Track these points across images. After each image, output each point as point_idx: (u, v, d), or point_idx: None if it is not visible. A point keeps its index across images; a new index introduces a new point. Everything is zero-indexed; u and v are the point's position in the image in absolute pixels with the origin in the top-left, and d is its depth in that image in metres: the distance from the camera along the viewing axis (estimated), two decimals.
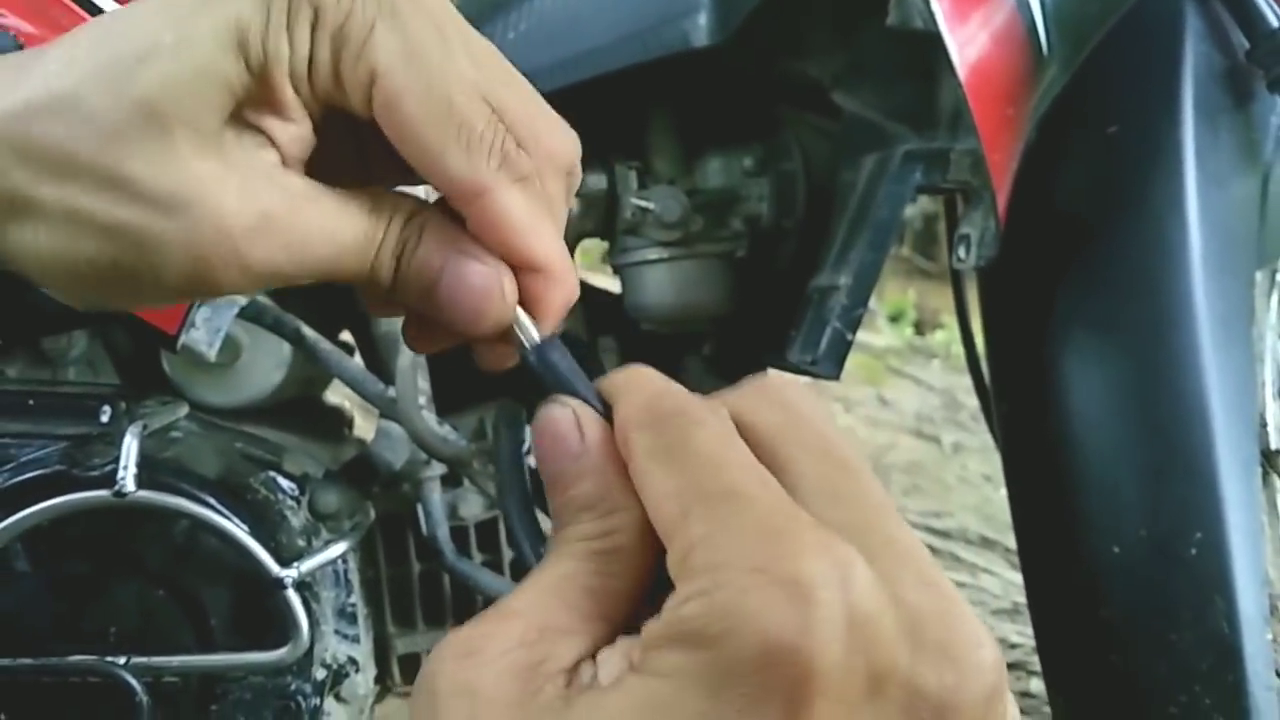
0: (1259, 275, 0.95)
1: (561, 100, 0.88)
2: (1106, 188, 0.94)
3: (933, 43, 0.78)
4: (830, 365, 0.89)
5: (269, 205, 0.33)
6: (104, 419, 0.79)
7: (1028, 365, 0.94)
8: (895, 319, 4.06)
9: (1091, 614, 0.87)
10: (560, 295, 0.37)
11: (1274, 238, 0.97)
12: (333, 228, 0.35)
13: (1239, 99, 0.98)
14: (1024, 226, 0.91)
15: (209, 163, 0.32)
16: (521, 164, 0.35)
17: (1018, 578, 1.77)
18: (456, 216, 0.36)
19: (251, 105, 0.33)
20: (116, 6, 0.93)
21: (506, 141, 0.35)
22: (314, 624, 0.77)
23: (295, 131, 0.35)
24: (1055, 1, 0.81)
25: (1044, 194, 0.95)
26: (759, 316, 1.02)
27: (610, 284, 1.10)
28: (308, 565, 0.74)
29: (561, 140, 0.37)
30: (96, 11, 0.90)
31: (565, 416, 0.33)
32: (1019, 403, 0.95)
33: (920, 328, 3.95)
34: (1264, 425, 0.93)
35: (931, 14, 0.77)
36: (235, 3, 0.33)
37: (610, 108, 1.00)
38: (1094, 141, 0.95)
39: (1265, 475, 0.90)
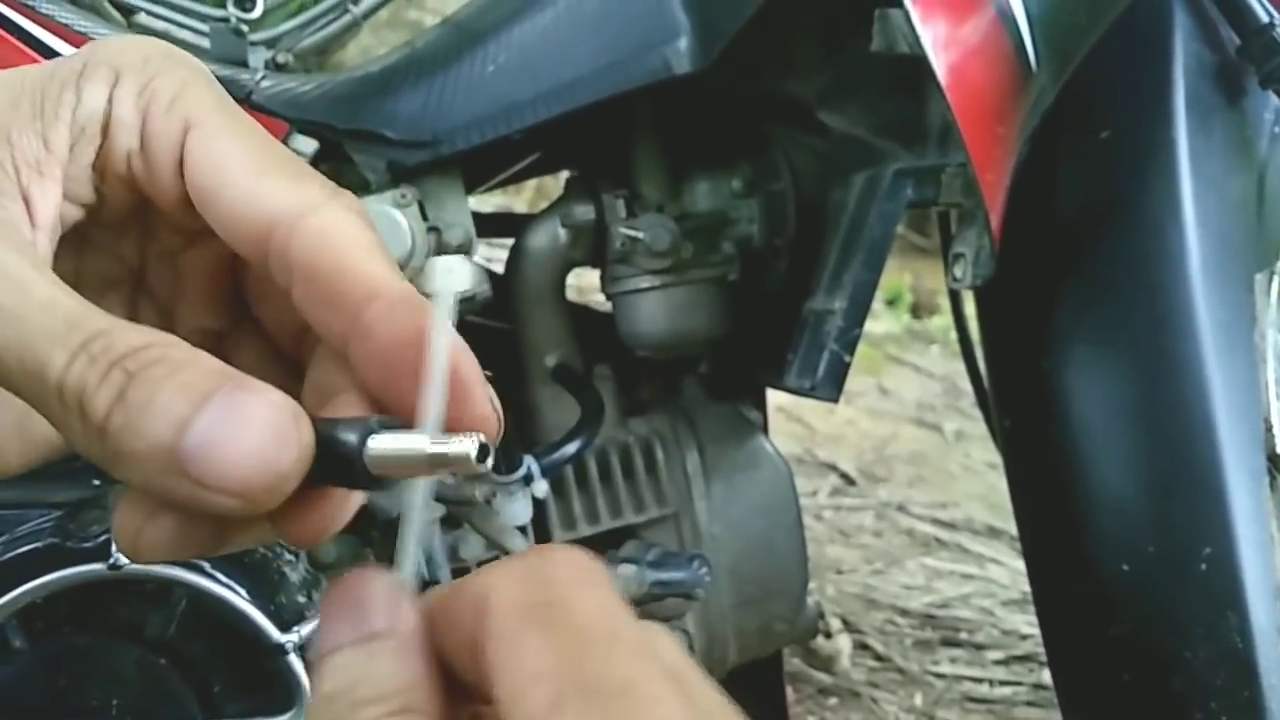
0: (1258, 276, 0.94)
1: (545, 130, 0.87)
2: (1102, 195, 0.93)
3: (919, 59, 0.77)
4: (829, 389, 0.88)
5: None
6: (96, 483, 0.78)
7: (1029, 379, 0.92)
8: (892, 302, 4.05)
9: (1103, 632, 0.86)
10: (408, 324, 0.28)
11: (1271, 238, 0.96)
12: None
13: (1231, 96, 0.96)
14: (1020, 237, 0.90)
15: None
16: (353, 202, 0.30)
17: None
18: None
19: (8, 146, 0.30)
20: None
21: (334, 185, 0.31)
22: None
23: (51, 195, 0.30)
24: (1042, 14, 0.80)
25: (1039, 203, 0.93)
26: (754, 337, 1.01)
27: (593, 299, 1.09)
28: (308, 629, 0.73)
29: None
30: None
31: (376, 586, 0.26)
32: (1022, 417, 0.94)
33: (917, 311, 3.94)
34: (1269, 429, 0.92)
35: (916, 36, 0.75)
36: (23, 69, 0.31)
37: (594, 135, 0.98)
38: (1087, 148, 0.94)
39: (1272, 481, 0.89)
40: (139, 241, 0.34)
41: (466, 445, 0.26)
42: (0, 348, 0.26)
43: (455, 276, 0.27)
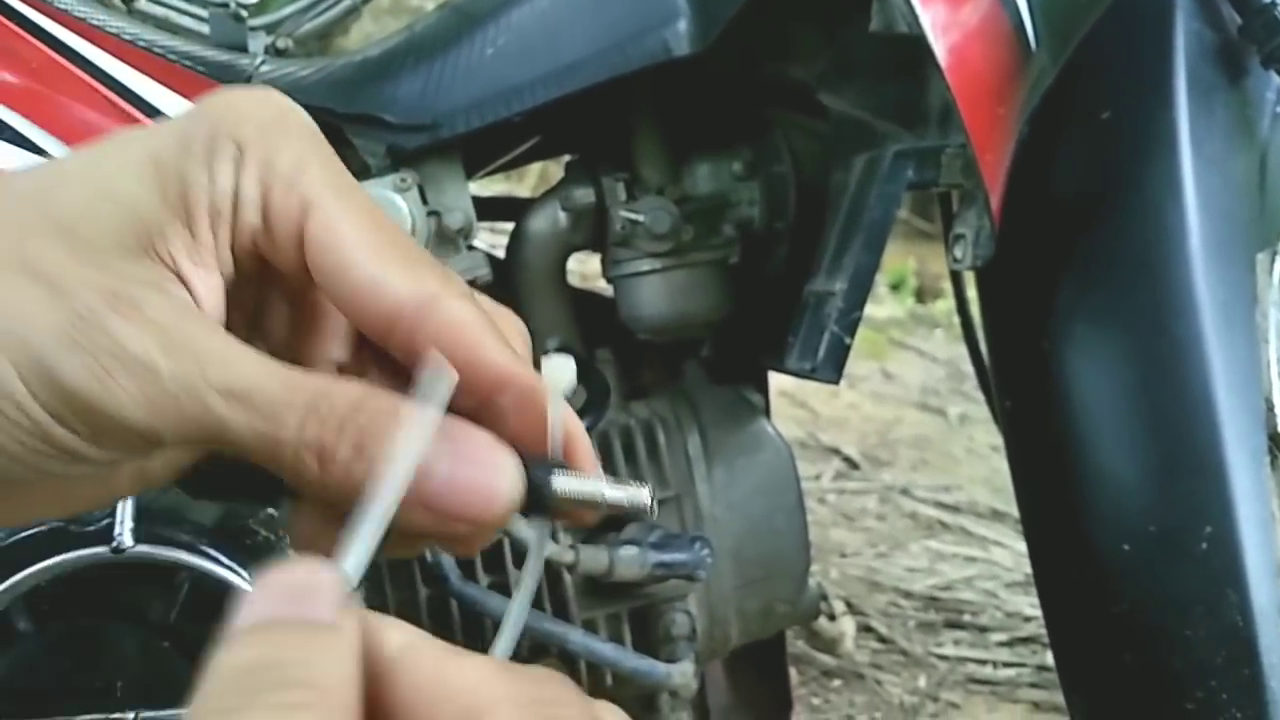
0: (1260, 256, 0.94)
1: (545, 113, 0.87)
2: (1102, 176, 0.93)
3: (919, 40, 0.77)
4: (830, 371, 0.88)
5: (169, 327, 0.30)
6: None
7: (1030, 360, 0.92)
8: (896, 287, 4.04)
9: (1104, 611, 0.86)
10: (537, 410, 0.32)
11: (1273, 218, 0.95)
12: (244, 374, 0.30)
13: (1233, 76, 0.96)
14: (1021, 219, 0.90)
15: (108, 278, 0.30)
16: (465, 288, 0.33)
17: None
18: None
19: (165, 242, 0.31)
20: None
21: (442, 267, 0.33)
22: None
23: (212, 283, 0.32)
24: None
25: (1040, 185, 0.93)
26: (756, 320, 1.01)
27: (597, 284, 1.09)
28: None
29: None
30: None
31: (325, 577, 0.25)
32: (1023, 399, 0.94)
33: (921, 295, 3.93)
34: (1270, 408, 0.92)
35: (915, 16, 0.75)
36: (154, 138, 0.32)
37: (594, 117, 0.98)
38: (1088, 128, 0.94)
39: (1273, 459, 0.89)
40: (257, 290, 0.36)
41: (643, 495, 0.30)
42: (233, 422, 0.30)
43: (562, 374, 0.32)
